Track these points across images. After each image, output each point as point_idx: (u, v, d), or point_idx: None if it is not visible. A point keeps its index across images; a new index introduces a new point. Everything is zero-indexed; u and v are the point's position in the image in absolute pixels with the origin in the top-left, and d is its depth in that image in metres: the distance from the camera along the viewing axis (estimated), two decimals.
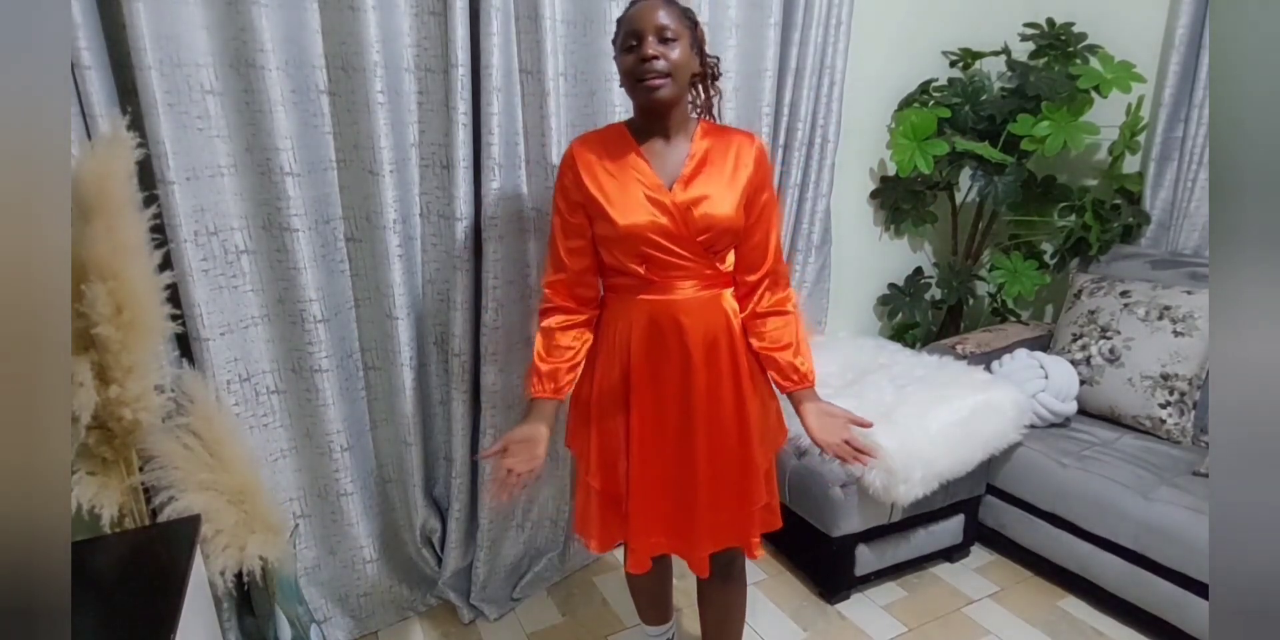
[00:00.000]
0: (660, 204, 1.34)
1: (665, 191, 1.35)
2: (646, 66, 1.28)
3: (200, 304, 1.54)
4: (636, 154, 1.38)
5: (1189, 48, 2.33)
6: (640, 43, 1.29)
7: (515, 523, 2.14)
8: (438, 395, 1.97)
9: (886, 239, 2.77)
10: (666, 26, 1.28)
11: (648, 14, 1.29)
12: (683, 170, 1.37)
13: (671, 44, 1.29)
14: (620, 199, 1.35)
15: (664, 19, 1.28)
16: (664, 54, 1.28)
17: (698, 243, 1.36)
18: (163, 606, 1.12)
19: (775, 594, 2.15)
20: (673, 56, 1.29)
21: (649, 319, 1.40)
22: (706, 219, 1.35)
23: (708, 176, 1.37)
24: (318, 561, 1.91)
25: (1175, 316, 2.17)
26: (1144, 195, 2.49)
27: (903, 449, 1.89)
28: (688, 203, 1.34)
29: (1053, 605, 2.09)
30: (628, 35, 1.30)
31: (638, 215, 1.34)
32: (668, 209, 1.34)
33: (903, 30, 2.50)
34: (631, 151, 1.38)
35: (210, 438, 1.48)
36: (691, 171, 1.36)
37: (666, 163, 1.38)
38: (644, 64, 1.28)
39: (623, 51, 1.32)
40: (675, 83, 1.31)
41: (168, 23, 1.40)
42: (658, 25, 1.28)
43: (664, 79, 1.29)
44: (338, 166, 1.71)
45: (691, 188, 1.35)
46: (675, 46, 1.29)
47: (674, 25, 1.29)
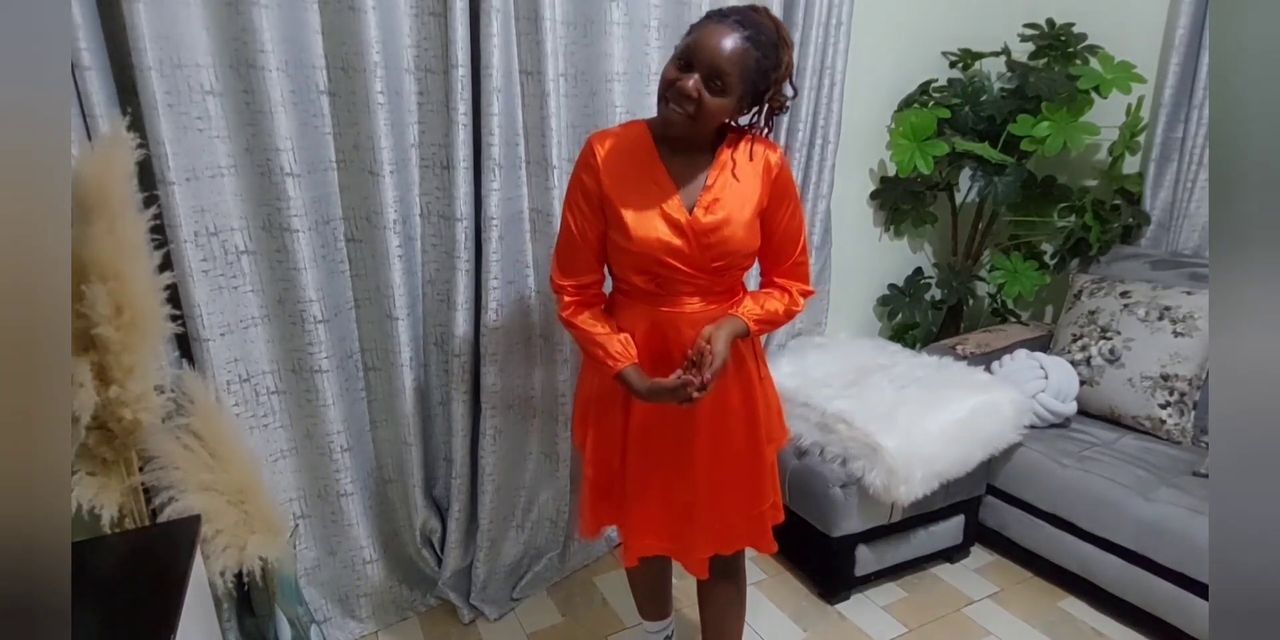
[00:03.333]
0: (677, 225, 1.30)
1: (683, 211, 1.30)
2: (675, 97, 1.20)
3: (200, 304, 1.54)
4: (657, 161, 1.32)
5: (1189, 48, 2.33)
6: (688, 67, 1.18)
7: (515, 523, 2.15)
8: (438, 396, 1.97)
9: (886, 239, 2.77)
10: (724, 73, 1.17)
11: (715, 46, 1.16)
12: (703, 191, 1.31)
13: (717, 93, 1.18)
14: (637, 210, 1.30)
15: (726, 64, 1.16)
16: (700, 97, 1.18)
17: (708, 264, 1.33)
18: (163, 607, 1.12)
19: (775, 594, 2.15)
20: (709, 104, 1.19)
21: (652, 327, 1.38)
22: (723, 245, 1.31)
23: (729, 199, 1.31)
24: (318, 562, 1.91)
25: (1175, 317, 2.17)
26: (1144, 195, 2.49)
27: (903, 449, 1.89)
28: (706, 228, 1.30)
29: (1053, 605, 2.09)
30: (685, 50, 1.19)
31: (652, 232, 1.30)
32: (684, 231, 1.30)
33: (903, 31, 2.50)
34: (652, 158, 1.32)
35: (210, 438, 1.48)
36: (715, 194, 1.31)
37: (687, 175, 1.32)
38: (677, 93, 1.19)
39: (674, 60, 1.21)
40: (695, 124, 1.22)
41: (168, 23, 1.40)
42: (715, 66, 1.16)
43: (684, 118, 1.21)
44: (338, 167, 1.71)
45: (712, 211, 1.30)
46: (720, 97, 1.19)
47: (734, 75, 1.17)
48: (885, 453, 1.87)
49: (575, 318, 1.39)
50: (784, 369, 2.24)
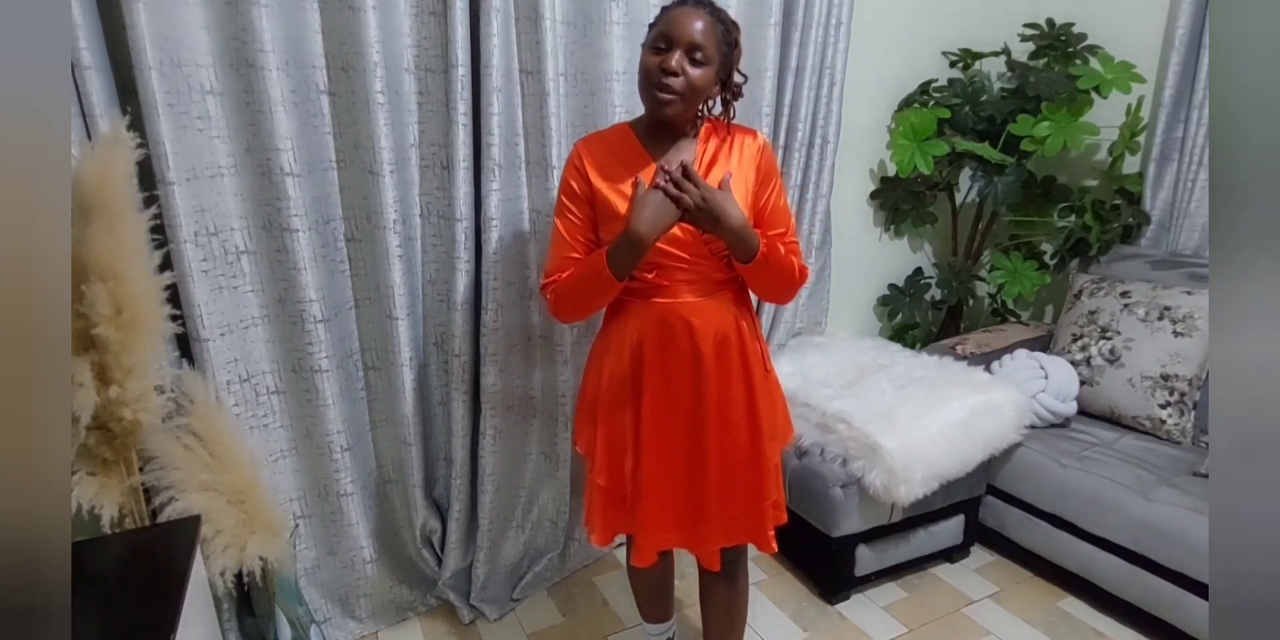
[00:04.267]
0: None
1: None
2: (660, 79, 1.25)
3: (200, 304, 1.54)
4: (643, 155, 1.37)
5: (1189, 48, 2.33)
6: (668, 49, 1.24)
7: (515, 523, 2.15)
8: (438, 396, 1.97)
9: (886, 239, 2.76)
10: (701, 45, 1.24)
11: (687, 23, 1.23)
12: None
13: (699, 65, 1.25)
14: (629, 202, 1.32)
15: (701, 36, 1.23)
16: (686, 72, 1.24)
17: (707, 249, 1.36)
18: (163, 607, 1.12)
19: (775, 594, 2.15)
20: (694, 77, 1.25)
21: (660, 320, 1.39)
22: None
23: (717, 181, 1.34)
24: (318, 562, 1.91)
25: (1175, 317, 2.17)
26: (1144, 195, 2.49)
27: (903, 449, 1.89)
28: None
29: (1053, 605, 2.09)
30: (660, 36, 1.26)
31: None
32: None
33: (903, 31, 2.50)
34: (638, 155, 1.37)
35: (210, 438, 1.48)
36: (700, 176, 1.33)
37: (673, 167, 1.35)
38: (663, 75, 1.24)
39: (650, 49, 1.27)
40: (685, 102, 1.28)
41: (168, 23, 1.40)
42: (692, 41, 1.23)
43: (675, 96, 1.26)
44: (338, 167, 1.71)
45: None
46: (701, 68, 1.25)
47: (710, 46, 1.25)
48: (885, 453, 1.87)
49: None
50: (784, 369, 2.23)
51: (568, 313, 1.42)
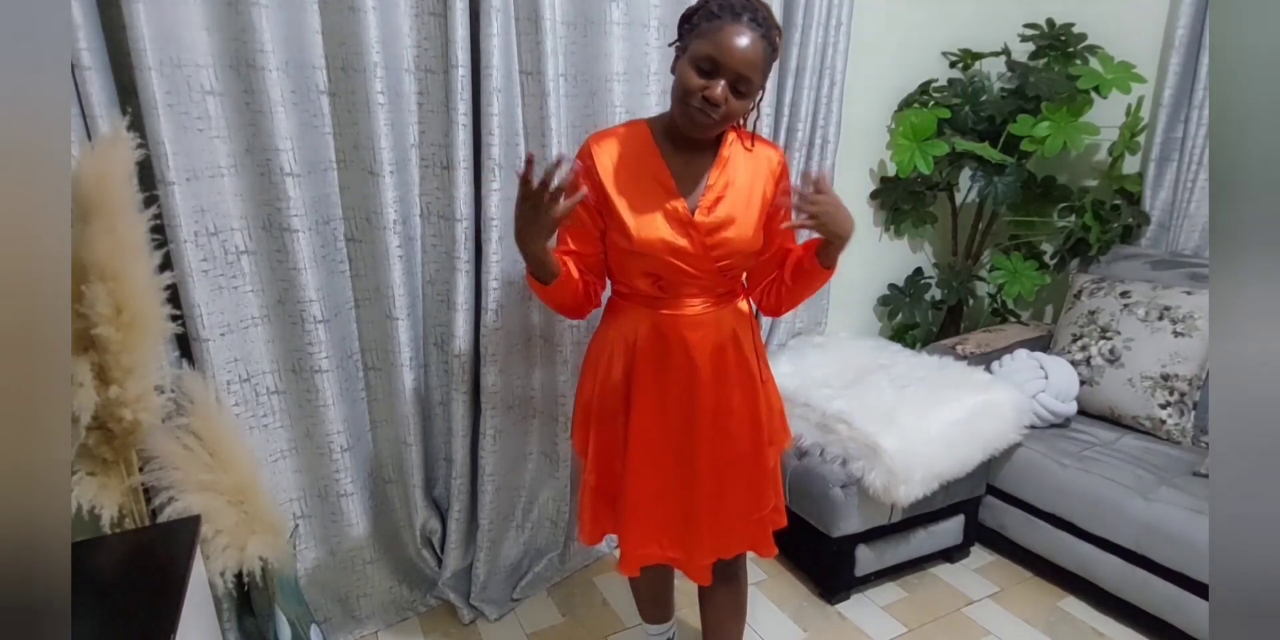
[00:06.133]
0: (680, 224, 1.29)
1: (687, 211, 1.30)
2: (704, 106, 1.19)
3: (200, 304, 1.54)
4: (659, 161, 1.31)
5: (1189, 48, 2.33)
6: (712, 74, 1.18)
7: (515, 523, 2.15)
8: (438, 396, 1.97)
9: (886, 239, 2.76)
10: (748, 79, 1.18)
11: (739, 52, 1.16)
12: (706, 189, 1.31)
13: (742, 97, 1.20)
14: (639, 210, 1.29)
15: (749, 69, 1.17)
16: (728, 103, 1.19)
17: (715, 267, 1.33)
18: (163, 607, 1.12)
19: (775, 594, 2.15)
20: (735, 107, 1.20)
21: (656, 330, 1.37)
22: (727, 245, 1.31)
23: (732, 198, 1.32)
24: (318, 562, 1.91)
25: (1175, 317, 2.17)
26: (1144, 196, 2.49)
27: (903, 449, 1.89)
28: (710, 227, 1.30)
29: (1053, 606, 2.09)
30: (707, 58, 1.17)
31: (654, 231, 1.29)
32: (687, 231, 1.30)
33: (903, 31, 2.50)
34: (654, 158, 1.31)
35: (210, 438, 1.47)
36: (717, 193, 1.31)
37: (690, 174, 1.32)
38: (704, 101, 1.18)
39: (692, 65, 1.19)
40: (720, 125, 1.24)
41: (168, 23, 1.40)
42: (740, 73, 1.17)
43: (712, 122, 1.21)
44: (338, 167, 1.71)
45: (715, 211, 1.30)
46: (745, 99, 1.21)
47: (757, 79, 1.19)
48: (885, 453, 1.87)
49: None
50: (784, 369, 2.24)
51: (548, 305, 1.42)
